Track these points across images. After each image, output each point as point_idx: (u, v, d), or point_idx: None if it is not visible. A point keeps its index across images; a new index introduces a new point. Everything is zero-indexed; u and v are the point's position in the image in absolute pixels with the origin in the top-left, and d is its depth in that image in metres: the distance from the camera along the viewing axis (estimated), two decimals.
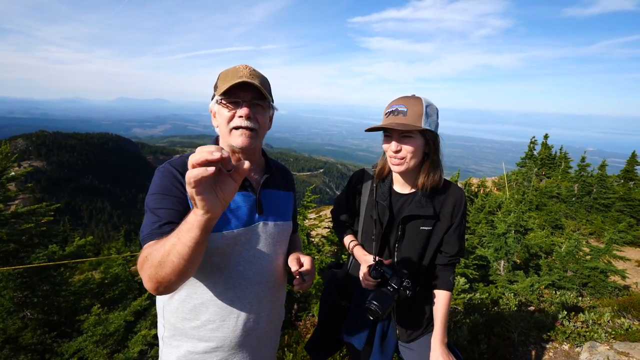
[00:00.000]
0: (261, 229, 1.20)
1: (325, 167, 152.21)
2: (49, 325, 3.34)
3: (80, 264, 8.40)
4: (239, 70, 1.11)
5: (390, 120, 1.29)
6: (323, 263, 4.36)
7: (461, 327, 3.10)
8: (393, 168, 1.35)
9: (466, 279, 4.75)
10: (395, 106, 1.29)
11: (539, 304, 4.52)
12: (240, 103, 1.08)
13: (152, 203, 1.04)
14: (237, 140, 1.10)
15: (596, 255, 6.61)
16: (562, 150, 19.45)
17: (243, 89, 1.08)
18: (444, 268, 1.47)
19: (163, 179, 1.07)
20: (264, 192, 1.24)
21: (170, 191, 1.05)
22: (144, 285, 0.95)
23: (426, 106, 1.28)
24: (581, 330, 3.13)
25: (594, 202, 13.85)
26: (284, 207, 1.32)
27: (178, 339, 1.17)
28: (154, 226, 0.99)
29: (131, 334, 3.25)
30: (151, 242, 0.95)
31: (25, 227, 3.09)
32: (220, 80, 1.12)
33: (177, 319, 1.15)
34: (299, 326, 3.71)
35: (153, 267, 0.86)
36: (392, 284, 1.29)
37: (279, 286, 1.29)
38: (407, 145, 1.28)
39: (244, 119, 1.08)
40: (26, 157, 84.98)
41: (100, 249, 11.90)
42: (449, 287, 1.46)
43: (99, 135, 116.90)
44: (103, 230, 60.42)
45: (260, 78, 1.12)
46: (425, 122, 1.27)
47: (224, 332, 1.14)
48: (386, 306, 1.25)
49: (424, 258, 1.44)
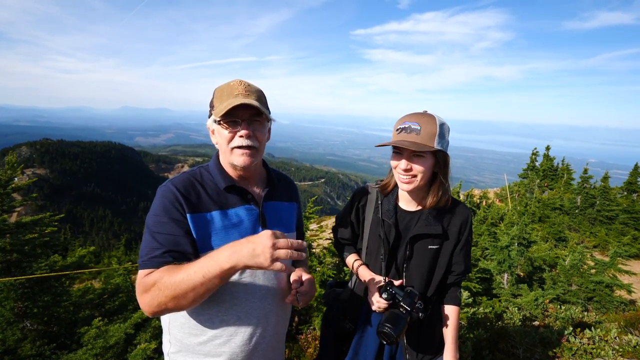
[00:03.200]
0: None
1: (326, 177, 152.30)
2: (49, 336, 3.31)
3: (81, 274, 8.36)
4: (234, 87, 1.10)
5: (402, 138, 1.24)
6: (325, 275, 4.33)
7: (465, 342, 3.05)
8: (401, 186, 1.32)
9: (469, 292, 4.70)
10: (409, 123, 1.25)
11: (544, 319, 4.45)
12: (239, 122, 1.09)
13: (152, 225, 1.06)
14: (239, 160, 1.12)
15: (601, 269, 6.54)
16: (564, 162, 19.42)
17: (241, 108, 1.08)
18: (452, 286, 1.45)
19: (164, 200, 1.07)
20: (266, 205, 1.24)
21: (170, 213, 1.05)
22: (140, 305, 1.00)
23: (440, 125, 1.24)
24: (587, 347, 3.08)
25: (598, 214, 13.76)
26: (287, 219, 1.32)
27: (184, 355, 1.16)
28: (152, 253, 1.02)
29: (131, 347, 3.21)
30: (148, 270, 1.00)
31: (28, 237, 3.09)
32: (216, 99, 1.12)
33: (184, 334, 1.14)
34: (300, 340, 3.66)
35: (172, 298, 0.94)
36: (404, 306, 1.25)
37: (283, 299, 1.27)
38: (417, 165, 1.25)
39: (244, 139, 1.09)
40: (29, 165, 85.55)
41: (101, 258, 11.86)
42: (457, 303, 1.44)
43: (102, 143, 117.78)
44: (104, 238, 60.30)
45: (256, 93, 1.13)
46: (438, 142, 1.24)
47: (232, 347, 1.13)
48: (400, 329, 1.21)
49: (433, 277, 1.41)
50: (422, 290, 1.39)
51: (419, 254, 1.38)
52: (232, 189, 1.16)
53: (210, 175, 1.18)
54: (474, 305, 4.34)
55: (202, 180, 1.16)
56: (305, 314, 4.26)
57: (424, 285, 1.40)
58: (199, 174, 1.18)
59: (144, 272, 1.01)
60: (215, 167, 1.19)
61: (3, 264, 3.03)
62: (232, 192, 1.17)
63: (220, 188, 1.15)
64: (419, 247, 1.38)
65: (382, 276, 1.39)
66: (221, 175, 1.17)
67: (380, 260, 1.41)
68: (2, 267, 3.02)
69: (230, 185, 1.15)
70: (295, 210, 1.39)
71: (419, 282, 1.39)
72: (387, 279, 1.33)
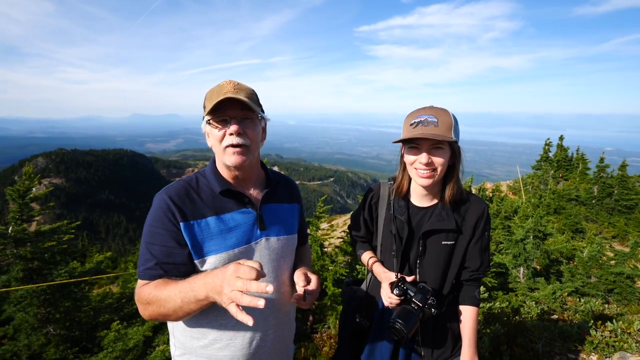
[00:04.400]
0: (263, 245, 1.19)
1: (335, 176, 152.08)
2: (71, 340, 3.41)
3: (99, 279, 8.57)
4: (223, 87, 1.09)
5: (420, 131, 1.21)
6: (337, 274, 4.33)
7: (482, 337, 3.02)
8: (420, 181, 1.28)
9: (485, 287, 4.63)
10: (424, 116, 1.23)
11: (563, 312, 4.36)
12: (228, 121, 1.07)
13: (146, 235, 1.09)
14: (231, 159, 1.10)
15: (621, 260, 6.36)
16: (578, 152, 18.96)
17: (230, 106, 1.07)
18: (468, 283, 1.42)
19: (158, 211, 1.08)
20: (264, 207, 1.22)
21: (162, 223, 1.07)
22: (140, 312, 1.10)
23: (453, 116, 1.25)
24: (609, 340, 3.00)
25: (616, 204, 13.38)
26: (287, 220, 1.29)
27: (188, 357, 1.18)
28: (146, 264, 1.07)
29: (150, 349, 3.28)
30: (145, 282, 1.07)
31: (48, 245, 3.18)
32: (207, 100, 1.10)
33: (187, 337, 1.16)
34: (315, 338, 3.68)
35: (159, 314, 1.03)
36: (416, 302, 1.24)
37: (285, 301, 1.26)
38: (437, 157, 1.23)
39: (234, 137, 1.07)
40: (46, 175, 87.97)
41: (118, 263, 12.12)
42: (475, 303, 1.40)
43: (114, 151, 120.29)
44: (119, 244, 61.54)
45: (246, 91, 1.11)
46: (454, 133, 1.23)
47: (232, 351, 1.14)
48: (411, 325, 1.20)
49: (447, 274, 1.38)
50: (436, 287, 1.37)
51: (433, 250, 1.36)
52: (228, 192, 1.15)
53: (206, 180, 1.17)
54: (490, 300, 4.28)
55: (198, 186, 1.15)
56: (319, 313, 4.27)
57: (439, 282, 1.38)
58: (195, 180, 1.17)
59: (140, 283, 1.08)
60: (211, 172, 1.18)
61: (25, 272, 3.13)
62: (228, 195, 1.15)
63: (216, 192, 1.14)
64: (432, 243, 1.36)
65: (396, 273, 1.39)
66: (216, 179, 1.15)
67: (393, 257, 1.40)
68: (24, 275, 3.12)
69: (226, 189, 1.14)
70: (297, 212, 1.37)
71: (433, 279, 1.37)
72: (399, 275, 1.32)
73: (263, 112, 1.19)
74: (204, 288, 0.91)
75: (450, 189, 1.31)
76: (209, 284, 0.90)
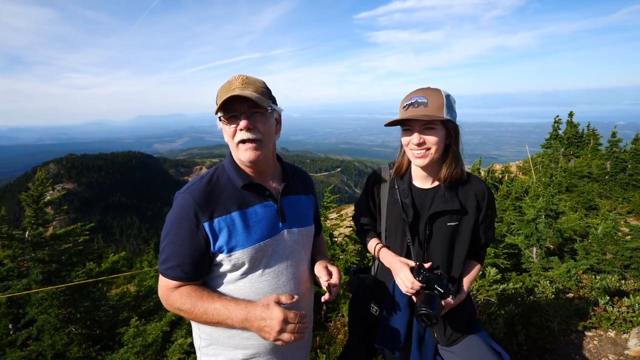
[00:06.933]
0: (286, 237, 1.21)
1: (342, 166, 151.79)
2: (93, 339, 3.52)
3: (116, 278, 8.79)
4: (232, 83, 1.10)
5: (410, 113, 1.24)
6: (348, 262, 4.35)
7: (496, 319, 3.01)
8: (416, 162, 1.30)
9: (497, 269, 4.60)
10: (415, 98, 1.26)
11: (578, 290, 4.31)
12: (238, 116, 1.08)
13: (168, 234, 1.11)
14: (245, 155, 1.10)
15: (637, 235, 6.24)
16: (589, 127, 18.49)
17: (238, 101, 1.07)
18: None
19: (180, 211, 1.10)
20: (284, 200, 1.23)
21: (185, 224, 1.08)
22: (164, 305, 1.16)
23: (446, 96, 1.25)
24: (627, 315, 2.97)
25: (630, 178, 13.08)
26: (305, 212, 1.32)
27: (215, 348, 1.20)
28: (168, 263, 1.10)
29: (168, 344, 3.37)
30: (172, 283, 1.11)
31: (64, 248, 3.26)
32: (218, 97, 1.11)
33: (212, 328, 1.17)
34: (330, 327, 3.72)
35: (189, 318, 1.13)
36: (438, 288, 1.25)
37: (306, 291, 1.29)
38: (430, 136, 1.25)
39: (244, 132, 1.08)
40: (58, 181, 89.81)
41: (133, 262, 12.40)
42: (479, 260, 1.47)
43: (123, 154, 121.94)
44: (134, 244, 62.91)
45: (254, 85, 1.10)
46: (447, 112, 1.24)
47: (258, 341, 1.16)
48: (438, 309, 1.20)
49: (454, 255, 1.39)
50: (445, 269, 1.37)
51: (439, 232, 1.36)
52: (250, 186, 1.16)
53: (227, 175, 1.17)
54: (503, 282, 4.25)
55: (219, 182, 1.15)
56: (333, 302, 4.31)
57: (446, 264, 1.38)
58: (216, 176, 1.17)
59: (165, 281, 1.12)
60: (231, 166, 1.18)
61: (44, 274, 3.22)
62: (250, 189, 1.16)
63: (238, 187, 1.14)
64: (438, 224, 1.35)
65: (403, 257, 1.38)
66: (237, 174, 1.16)
67: (400, 241, 1.40)
68: (43, 277, 3.21)
69: (247, 183, 1.15)
70: (313, 203, 1.39)
71: (440, 261, 1.37)
72: (417, 263, 1.32)
73: (275, 103, 1.18)
74: (244, 324, 1.03)
75: (447, 168, 1.31)
76: (251, 321, 1.01)
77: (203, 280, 1.16)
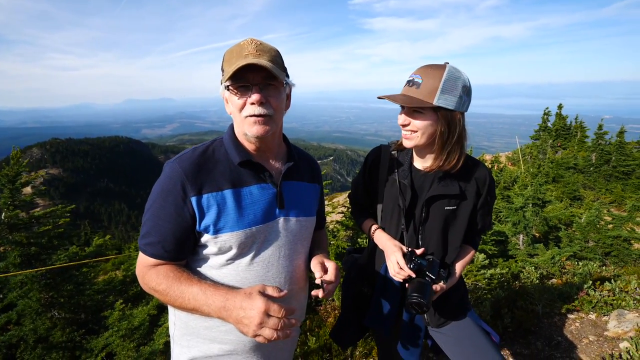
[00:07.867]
0: (282, 226, 1.10)
1: (335, 155, 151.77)
2: (77, 323, 3.45)
3: (104, 264, 8.67)
4: (244, 47, 0.97)
5: (403, 92, 1.19)
6: (339, 248, 4.35)
7: (483, 302, 3.06)
8: (404, 142, 1.27)
9: (485, 254, 4.68)
10: (414, 76, 1.19)
11: (562, 276, 4.43)
12: (250, 87, 0.96)
13: (152, 206, 1.00)
14: (252, 130, 0.99)
15: (618, 224, 6.42)
16: (577, 120, 18.82)
17: (251, 70, 0.94)
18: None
19: (167, 182, 0.99)
20: (285, 184, 1.11)
21: (171, 197, 0.98)
22: (140, 284, 1.06)
23: (445, 80, 1.14)
24: (608, 298, 3.05)
25: (613, 170, 13.41)
26: (307, 201, 1.20)
27: (189, 338, 1.10)
28: (148, 239, 1.00)
29: (156, 327, 3.33)
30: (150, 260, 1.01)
31: (43, 230, 3.15)
32: (226, 62, 0.99)
33: (189, 316, 1.08)
34: (320, 311, 3.73)
35: (163, 301, 1.00)
36: (430, 275, 1.22)
37: (299, 289, 1.18)
38: (415, 120, 1.20)
39: (256, 106, 0.96)
40: (42, 166, 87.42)
41: (122, 250, 12.26)
42: (474, 245, 1.45)
43: (110, 138, 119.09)
44: (123, 231, 62.13)
45: (269, 53, 0.99)
46: (440, 98, 1.14)
47: (238, 336, 1.06)
48: (429, 297, 1.17)
49: (448, 240, 1.35)
50: (439, 254, 1.35)
51: (435, 216, 1.32)
52: (247, 164, 1.04)
53: (224, 149, 1.06)
54: (490, 267, 4.33)
55: (214, 155, 1.05)
56: None
57: (441, 248, 1.35)
58: (212, 149, 1.06)
59: (143, 258, 1.02)
60: (230, 140, 1.06)
61: (23, 257, 3.12)
62: (247, 167, 1.05)
63: (235, 163, 1.03)
64: (435, 208, 1.31)
65: (397, 239, 1.35)
66: (236, 150, 1.04)
67: (396, 223, 1.36)
68: (22, 260, 3.11)
69: (245, 160, 1.04)
70: (317, 193, 1.27)
71: (434, 245, 1.34)
72: (409, 249, 1.28)
73: (288, 76, 1.07)
74: (221, 312, 0.89)
75: (434, 160, 1.26)
76: (229, 310, 0.87)
77: (187, 262, 1.07)
